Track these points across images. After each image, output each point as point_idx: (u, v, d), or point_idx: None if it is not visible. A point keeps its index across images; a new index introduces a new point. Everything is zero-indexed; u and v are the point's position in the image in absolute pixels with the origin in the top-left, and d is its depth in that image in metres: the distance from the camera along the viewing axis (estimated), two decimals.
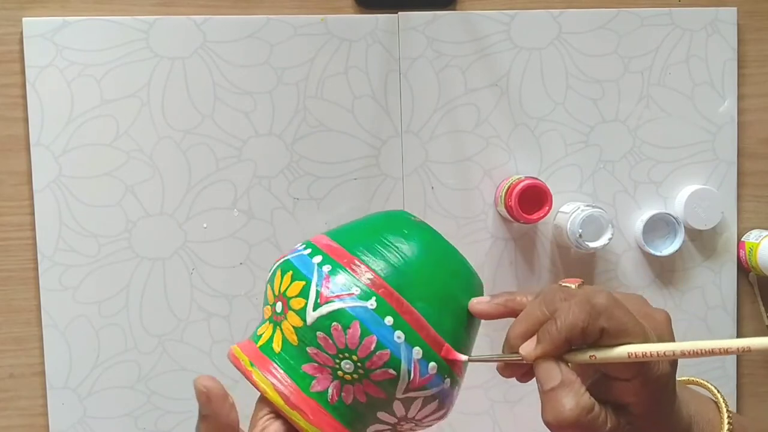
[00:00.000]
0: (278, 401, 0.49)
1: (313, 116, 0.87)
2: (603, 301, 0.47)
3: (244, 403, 0.51)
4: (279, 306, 0.51)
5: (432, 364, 0.50)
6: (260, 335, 0.53)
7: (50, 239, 0.83)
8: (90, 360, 0.85)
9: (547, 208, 0.84)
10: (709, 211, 0.90)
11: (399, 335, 0.49)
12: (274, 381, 0.49)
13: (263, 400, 0.50)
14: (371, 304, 0.49)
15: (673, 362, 0.48)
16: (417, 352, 0.49)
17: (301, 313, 0.49)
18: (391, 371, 0.49)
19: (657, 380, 0.48)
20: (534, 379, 0.51)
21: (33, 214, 0.84)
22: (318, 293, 0.49)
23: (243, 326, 0.86)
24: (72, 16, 0.83)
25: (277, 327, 0.51)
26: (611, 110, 0.90)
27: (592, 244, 0.85)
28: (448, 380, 0.51)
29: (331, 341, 0.48)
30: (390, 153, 0.88)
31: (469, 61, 0.88)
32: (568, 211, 0.86)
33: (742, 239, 0.93)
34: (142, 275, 0.85)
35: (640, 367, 0.47)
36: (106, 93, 0.83)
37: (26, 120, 0.83)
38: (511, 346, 0.50)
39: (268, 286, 0.53)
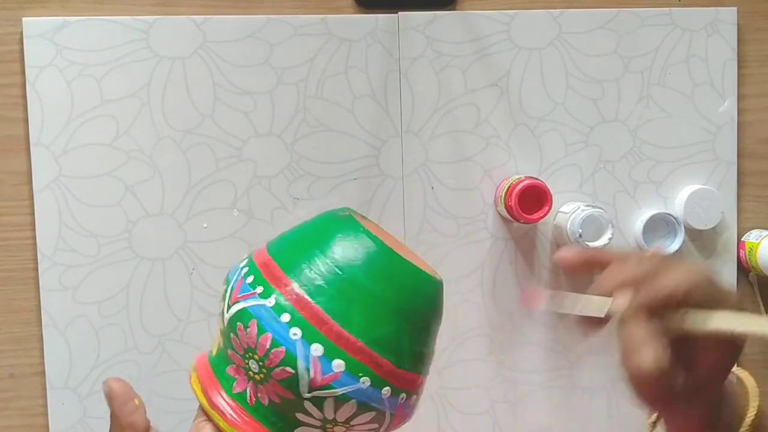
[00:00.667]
0: (203, 401, 0.50)
1: (313, 116, 0.87)
2: (705, 275, 0.49)
3: None
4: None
5: (337, 361, 0.47)
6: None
7: (50, 239, 0.83)
8: (90, 360, 0.85)
9: (547, 208, 0.84)
10: (709, 211, 0.90)
11: (295, 332, 0.47)
12: (202, 382, 0.51)
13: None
14: (270, 301, 0.48)
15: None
16: (316, 348, 0.47)
17: (221, 315, 0.50)
18: (289, 369, 0.47)
19: (738, 350, 0.50)
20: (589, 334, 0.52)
21: (33, 214, 0.84)
22: (230, 295, 0.50)
23: None
24: (72, 16, 0.83)
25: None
26: (611, 110, 0.90)
27: (592, 244, 0.85)
28: (366, 380, 0.48)
29: (238, 341, 0.49)
30: (390, 153, 0.88)
31: (469, 61, 0.88)
32: (568, 211, 0.86)
33: (742, 239, 0.93)
34: (142, 275, 0.85)
35: (727, 336, 0.48)
36: (106, 93, 0.83)
37: (26, 120, 0.83)
38: (603, 291, 0.50)
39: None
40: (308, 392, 0.47)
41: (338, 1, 0.87)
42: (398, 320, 0.49)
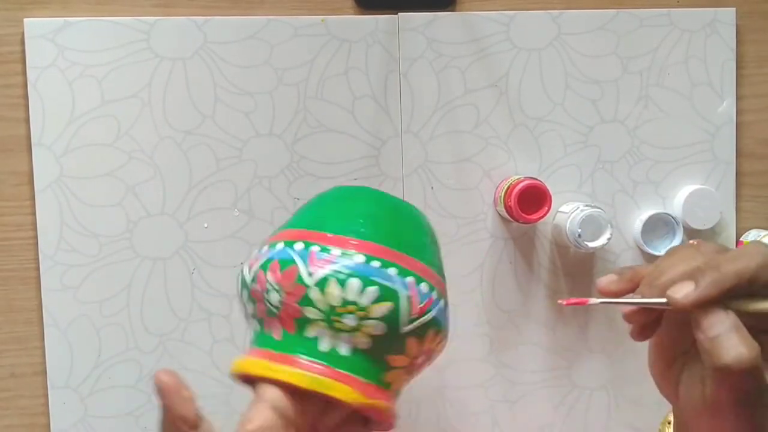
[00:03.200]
0: (354, 397, 0.50)
1: (313, 116, 0.87)
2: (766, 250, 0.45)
3: (243, 403, 0.52)
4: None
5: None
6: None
7: (51, 239, 0.84)
8: (91, 359, 0.85)
9: (547, 208, 0.84)
10: (708, 211, 0.90)
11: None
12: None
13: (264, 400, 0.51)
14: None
15: None
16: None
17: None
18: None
19: None
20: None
21: (34, 214, 0.84)
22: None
23: (243, 326, 0.86)
24: (73, 16, 0.83)
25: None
26: (610, 110, 0.91)
27: (591, 244, 0.85)
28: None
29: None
30: (390, 153, 0.88)
31: (468, 62, 0.88)
32: (567, 211, 0.86)
33: (741, 239, 0.93)
34: (143, 275, 0.85)
35: None
36: (107, 93, 0.84)
37: (27, 120, 0.83)
38: (659, 291, 0.47)
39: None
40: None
41: (338, 2, 0.88)
42: (428, 241, 0.55)
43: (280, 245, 0.53)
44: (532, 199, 0.84)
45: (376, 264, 0.50)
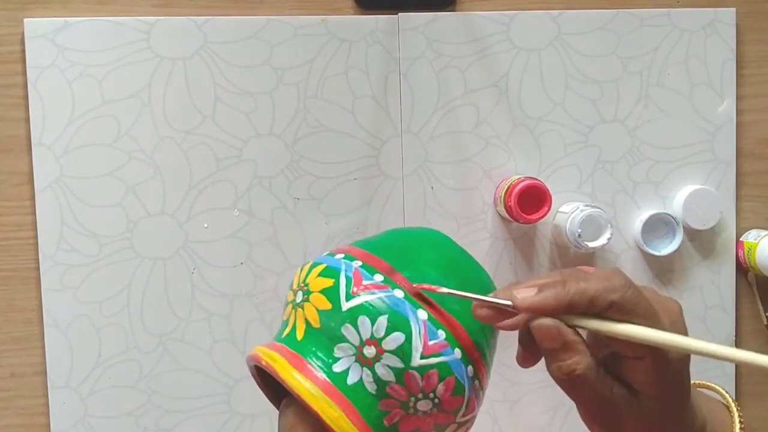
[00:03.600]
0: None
1: (313, 116, 0.87)
2: (620, 279, 0.47)
3: (243, 403, 0.52)
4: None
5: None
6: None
7: (51, 239, 0.84)
8: (91, 359, 0.85)
9: (547, 208, 0.84)
10: (708, 211, 0.90)
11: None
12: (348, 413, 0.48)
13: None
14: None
15: (686, 354, 0.48)
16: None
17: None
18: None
19: (666, 365, 0.47)
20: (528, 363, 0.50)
21: (34, 214, 0.84)
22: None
23: (243, 326, 0.87)
24: (73, 16, 0.83)
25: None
26: (610, 110, 0.91)
27: (591, 244, 0.85)
28: (459, 353, 0.51)
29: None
30: (390, 153, 0.88)
31: (468, 62, 0.88)
32: (567, 211, 0.86)
33: (741, 239, 0.93)
34: (143, 275, 0.85)
35: (650, 348, 0.47)
36: (107, 93, 0.84)
37: (28, 120, 0.83)
38: (510, 293, 0.48)
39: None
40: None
41: (338, 2, 0.88)
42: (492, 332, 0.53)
43: (457, 353, 0.49)
44: (532, 199, 0.84)
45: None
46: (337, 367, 0.48)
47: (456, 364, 0.48)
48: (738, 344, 0.94)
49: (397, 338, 0.47)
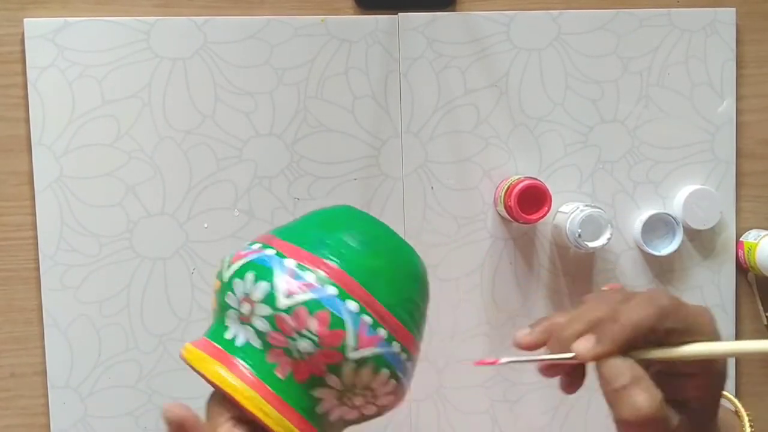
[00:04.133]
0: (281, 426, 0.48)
1: (313, 116, 0.87)
2: (668, 302, 0.46)
3: None
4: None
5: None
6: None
7: (51, 239, 0.84)
8: (91, 359, 0.85)
9: (547, 208, 0.84)
10: (708, 211, 0.90)
11: (352, 305, 0.49)
12: (273, 403, 0.49)
13: (221, 403, 0.50)
14: (332, 290, 0.49)
15: (726, 360, 0.48)
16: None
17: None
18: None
19: (720, 375, 0.47)
20: (557, 382, 0.50)
21: (34, 214, 0.84)
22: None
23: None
24: (73, 16, 0.83)
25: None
26: (610, 111, 0.91)
27: (591, 244, 0.85)
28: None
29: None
30: (390, 153, 0.88)
31: (468, 62, 0.88)
32: (567, 211, 0.86)
33: (741, 239, 0.93)
34: (143, 275, 0.85)
35: (707, 362, 0.46)
36: (107, 93, 0.84)
37: (28, 120, 0.83)
38: (563, 345, 0.48)
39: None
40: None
41: (338, 2, 0.88)
42: (410, 289, 0.53)
43: (331, 289, 0.49)
44: (532, 199, 0.84)
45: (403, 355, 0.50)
46: (228, 335, 0.51)
47: (329, 300, 0.48)
48: None
49: (262, 287, 0.49)
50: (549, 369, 0.50)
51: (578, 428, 0.93)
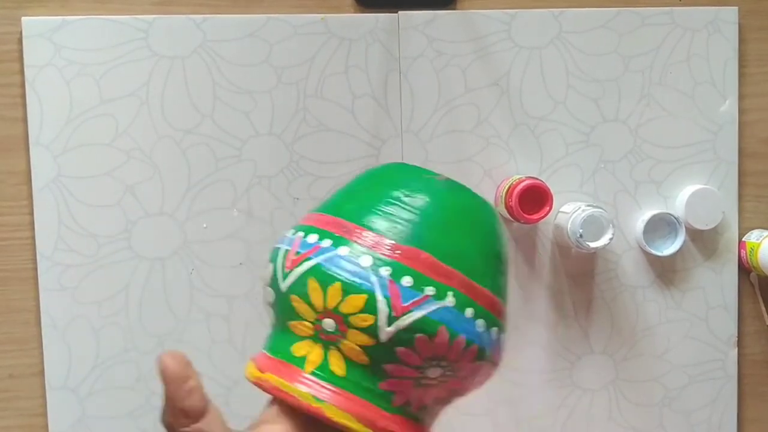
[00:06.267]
0: (363, 430, 0.44)
1: (312, 116, 0.86)
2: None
3: (242, 404, 0.51)
4: (329, 323, 0.45)
5: (503, 335, 0.48)
6: (302, 357, 0.46)
7: (49, 239, 0.83)
8: (89, 360, 0.85)
9: (548, 208, 0.84)
10: (710, 210, 0.90)
11: (480, 324, 0.46)
12: (351, 409, 0.44)
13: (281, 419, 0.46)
14: (450, 301, 0.44)
15: None
16: (495, 331, 0.47)
17: (372, 330, 0.44)
18: (477, 363, 0.47)
19: None
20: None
21: (32, 213, 0.83)
22: (389, 305, 0.44)
23: (242, 326, 0.86)
24: (71, 15, 0.83)
25: (331, 347, 0.45)
26: (612, 110, 0.90)
27: (592, 244, 0.85)
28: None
29: (414, 354, 0.44)
30: (390, 153, 0.88)
31: (469, 61, 0.88)
32: (568, 211, 0.86)
33: (743, 239, 0.93)
34: (141, 275, 0.85)
35: None
36: (105, 92, 0.83)
37: (25, 120, 0.83)
38: None
39: (297, 297, 0.46)
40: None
41: (338, 1, 0.87)
42: (504, 269, 0.49)
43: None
44: (533, 199, 0.84)
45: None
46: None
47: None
48: (740, 345, 0.94)
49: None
50: None
51: (580, 429, 0.93)
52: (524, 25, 0.88)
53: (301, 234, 0.47)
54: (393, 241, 0.45)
